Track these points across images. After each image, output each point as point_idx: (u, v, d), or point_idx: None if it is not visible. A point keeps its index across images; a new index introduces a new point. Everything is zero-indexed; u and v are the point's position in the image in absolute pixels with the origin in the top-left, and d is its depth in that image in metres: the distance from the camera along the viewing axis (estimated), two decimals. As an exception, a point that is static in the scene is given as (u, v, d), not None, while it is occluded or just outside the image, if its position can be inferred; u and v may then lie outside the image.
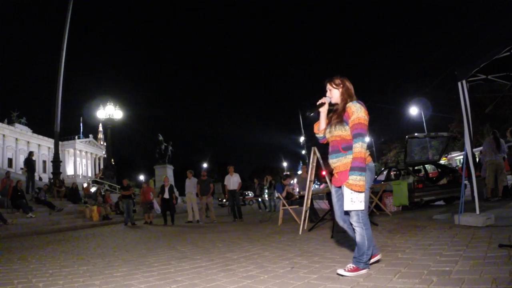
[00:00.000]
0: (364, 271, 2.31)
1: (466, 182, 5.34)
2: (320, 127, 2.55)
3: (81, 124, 58.57)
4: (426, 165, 9.54)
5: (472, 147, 4.46)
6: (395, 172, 8.73)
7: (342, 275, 2.30)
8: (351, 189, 2.19)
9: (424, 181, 7.48)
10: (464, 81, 4.27)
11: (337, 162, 2.37)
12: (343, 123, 2.32)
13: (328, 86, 2.49)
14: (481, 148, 8.39)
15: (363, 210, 2.27)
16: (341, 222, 2.52)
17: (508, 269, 2.07)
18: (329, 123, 2.46)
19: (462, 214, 4.18)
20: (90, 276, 3.07)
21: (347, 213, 2.41)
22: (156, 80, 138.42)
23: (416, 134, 8.06)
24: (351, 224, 2.39)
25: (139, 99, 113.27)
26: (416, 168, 9.00)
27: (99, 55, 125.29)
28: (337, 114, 2.40)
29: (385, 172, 9.56)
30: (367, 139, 2.34)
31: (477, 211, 4.13)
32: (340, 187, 2.41)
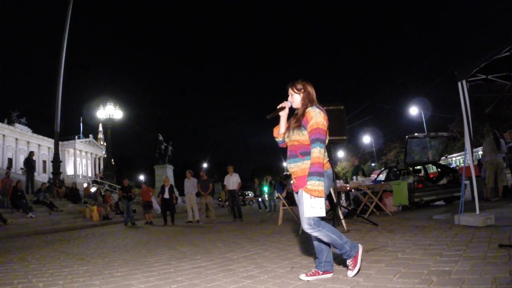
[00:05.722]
0: (359, 254, 2.29)
1: (467, 182, 5.35)
2: (280, 131, 2.51)
3: (81, 124, 58.67)
4: (426, 165, 9.55)
5: (472, 147, 4.46)
6: (395, 172, 8.74)
7: (351, 277, 2.25)
8: (310, 194, 2.14)
9: (424, 181, 7.48)
10: (464, 81, 4.27)
11: (295, 167, 2.32)
12: (301, 128, 2.28)
13: (290, 91, 2.44)
14: (481, 147, 8.41)
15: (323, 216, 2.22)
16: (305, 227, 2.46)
17: (508, 269, 2.07)
18: (288, 127, 2.42)
19: (462, 214, 4.18)
20: (90, 276, 3.06)
21: None
22: (156, 80, 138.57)
23: (416, 134, 8.06)
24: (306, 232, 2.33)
25: (139, 99, 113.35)
26: (416, 168, 9.00)
27: (99, 55, 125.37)
28: (296, 119, 2.37)
29: (385, 172, 9.57)
30: (325, 143, 2.26)
31: (477, 211, 4.13)
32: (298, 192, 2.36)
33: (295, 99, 2.42)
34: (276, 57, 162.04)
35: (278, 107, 2.47)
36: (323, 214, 2.18)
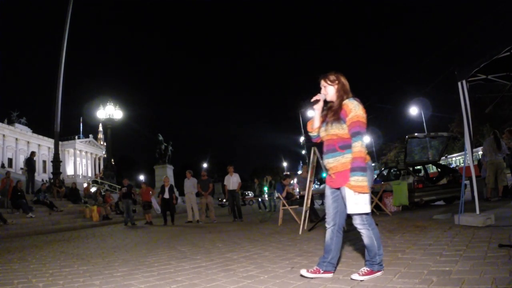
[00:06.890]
0: (379, 273, 2.21)
1: (467, 182, 5.35)
2: (314, 125, 2.42)
3: (81, 124, 58.74)
4: (426, 165, 9.54)
5: (472, 147, 4.46)
6: (395, 172, 8.73)
7: (357, 280, 2.19)
8: (354, 191, 2.10)
9: (424, 181, 7.48)
10: (464, 81, 4.27)
11: (334, 162, 2.24)
12: (340, 121, 2.21)
13: (323, 83, 2.36)
14: (481, 147, 8.42)
15: (368, 212, 2.19)
16: (330, 224, 2.39)
17: (508, 269, 2.07)
18: (323, 121, 2.35)
19: (462, 214, 4.18)
20: (90, 276, 3.06)
21: (336, 216, 2.35)
22: (156, 80, 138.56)
23: (416, 134, 8.06)
24: (348, 228, 2.36)
25: (139, 99, 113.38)
26: (416, 168, 8.99)
27: (100, 55, 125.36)
28: (333, 112, 2.27)
29: (385, 172, 9.57)
30: (366, 138, 2.28)
31: (477, 211, 4.13)
32: (337, 188, 2.30)
33: (328, 91, 2.34)
34: (276, 57, 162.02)
35: (311, 100, 2.39)
36: (368, 210, 2.16)
